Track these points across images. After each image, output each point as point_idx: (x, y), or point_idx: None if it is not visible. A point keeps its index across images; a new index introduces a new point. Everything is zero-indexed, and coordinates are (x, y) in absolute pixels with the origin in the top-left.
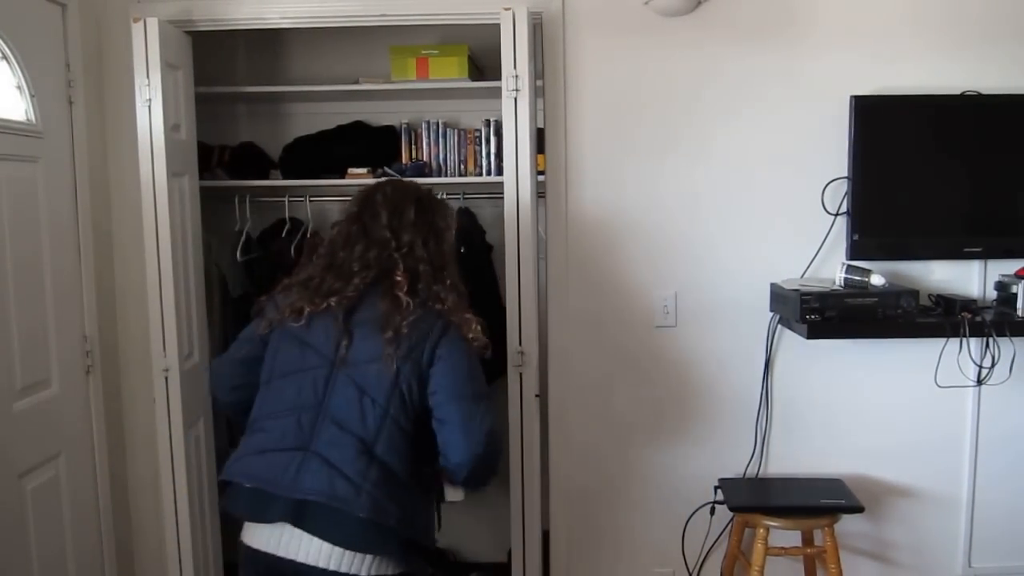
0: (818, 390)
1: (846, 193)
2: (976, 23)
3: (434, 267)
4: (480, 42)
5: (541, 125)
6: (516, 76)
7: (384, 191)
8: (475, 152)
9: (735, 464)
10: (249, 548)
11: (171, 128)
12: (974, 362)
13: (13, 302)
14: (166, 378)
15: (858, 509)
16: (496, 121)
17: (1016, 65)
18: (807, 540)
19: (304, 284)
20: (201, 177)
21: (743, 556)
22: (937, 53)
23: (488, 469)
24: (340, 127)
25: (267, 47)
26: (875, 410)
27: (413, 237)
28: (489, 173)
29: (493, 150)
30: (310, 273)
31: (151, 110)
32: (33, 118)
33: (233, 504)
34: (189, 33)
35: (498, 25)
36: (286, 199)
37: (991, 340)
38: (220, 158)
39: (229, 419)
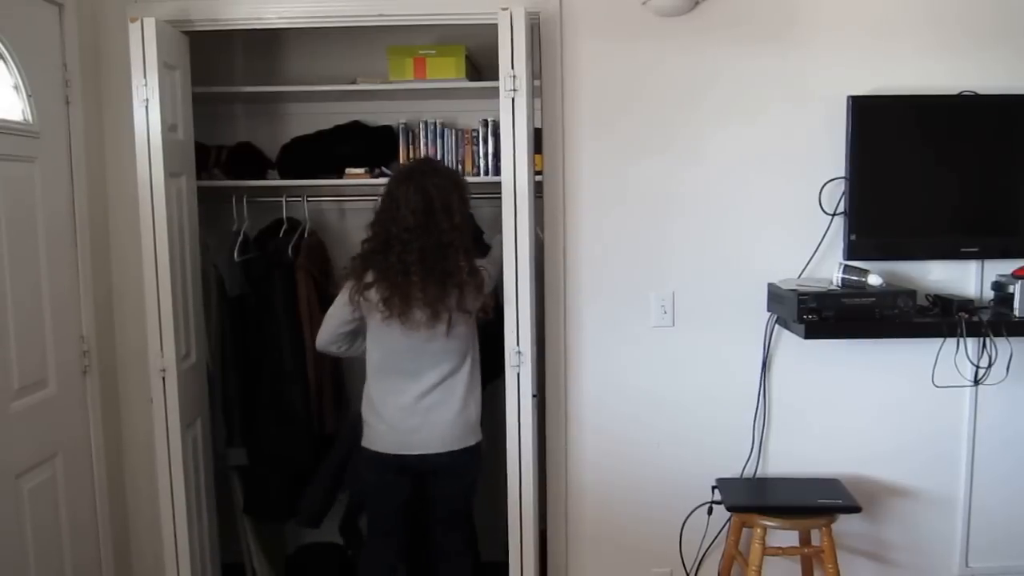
0: (815, 390)
1: (843, 193)
2: (973, 23)
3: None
4: (478, 42)
5: (539, 125)
6: (514, 76)
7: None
8: (473, 152)
9: (732, 464)
10: None
11: (168, 128)
12: (971, 362)
13: (10, 302)
14: (163, 378)
15: (855, 509)
16: (494, 121)
17: (1013, 65)
18: (804, 540)
19: None
20: (198, 177)
21: (741, 556)
22: (934, 53)
23: None
24: (338, 127)
25: (264, 47)
26: (872, 410)
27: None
28: (487, 173)
29: (491, 150)
30: None
31: (148, 110)
32: (30, 118)
33: None
34: (186, 33)
35: (495, 25)
36: (283, 199)
37: (988, 340)
38: (217, 158)
39: (227, 418)
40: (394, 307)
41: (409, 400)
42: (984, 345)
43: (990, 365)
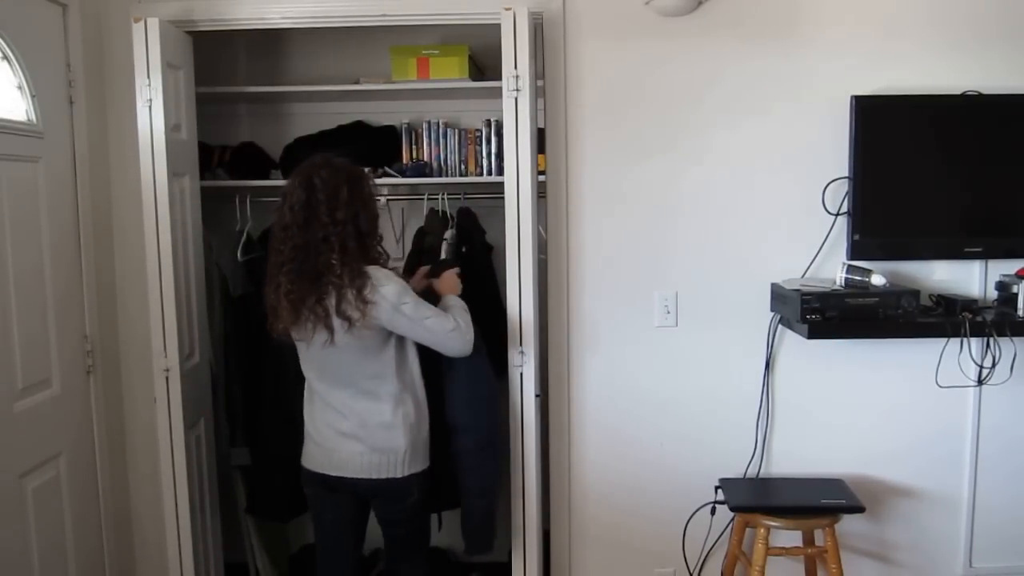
0: (819, 390)
1: (847, 193)
2: (977, 23)
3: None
4: (481, 42)
5: (542, 125)
6: (517, 76)
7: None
8: (476, 152)
9: (736, 464)
10: None
11: (172, 128)
12: (975, 362)
13: (14, 302)
14: (167, 378)
15: (859, 509)
16: (497, 121)
17: (1018, 65)
18: (808, 540)
19: None
20: (202, 177)
21: (744, 556)
22: (937, 53)
23: None
24: (341, 127)
25: (268, 47)
26: (876, 410)
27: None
28: (490, 173)
29: (494, 150)
30: None
31: (152, 110)
32: (34, 118)
33: None
34: (190, 33)
35: (499, 25)
36: None
37: (992, 340)
38: (221, 158)
39: (230, 418)
40: (275, 316)
41: (329, 416)
42: (988, 345)
43: (994, 365)
